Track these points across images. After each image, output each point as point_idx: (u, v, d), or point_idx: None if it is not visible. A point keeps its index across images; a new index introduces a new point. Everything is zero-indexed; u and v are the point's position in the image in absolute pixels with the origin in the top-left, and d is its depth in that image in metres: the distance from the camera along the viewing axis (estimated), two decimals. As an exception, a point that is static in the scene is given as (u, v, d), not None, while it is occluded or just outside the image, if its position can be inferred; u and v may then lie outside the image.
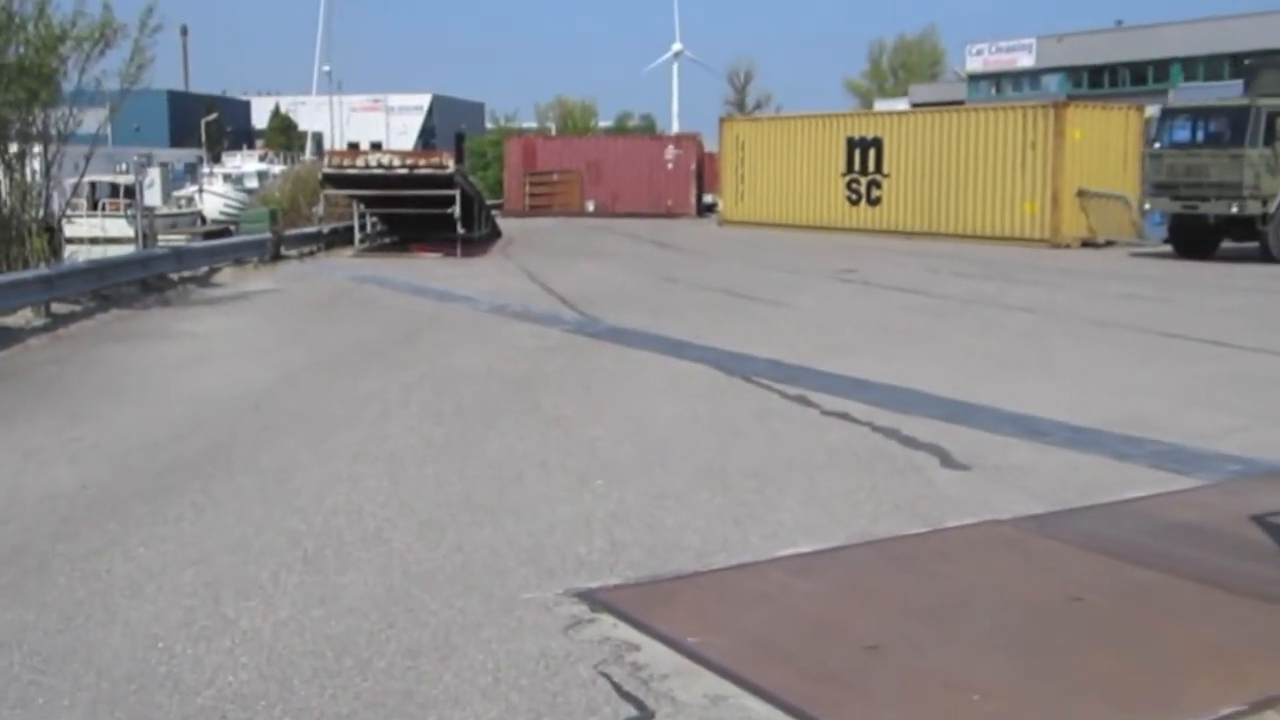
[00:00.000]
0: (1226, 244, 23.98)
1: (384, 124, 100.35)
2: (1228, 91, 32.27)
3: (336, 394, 10.51)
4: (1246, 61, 28.60)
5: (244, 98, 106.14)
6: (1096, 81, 53.73)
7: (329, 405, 10.01)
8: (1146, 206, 24.96)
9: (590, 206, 44.11)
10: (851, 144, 32.89)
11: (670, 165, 43.47)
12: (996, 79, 59.69)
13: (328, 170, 27.29)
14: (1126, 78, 52.87)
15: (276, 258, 25.07)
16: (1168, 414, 9.13)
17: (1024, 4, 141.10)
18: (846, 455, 7.94)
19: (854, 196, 32.86)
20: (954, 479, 7.32)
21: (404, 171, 25.83)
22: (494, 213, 37.27)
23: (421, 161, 26.99)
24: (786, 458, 7.89)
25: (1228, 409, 9.28)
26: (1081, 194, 27.29)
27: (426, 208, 25.82)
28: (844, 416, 9.12)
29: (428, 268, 23.57)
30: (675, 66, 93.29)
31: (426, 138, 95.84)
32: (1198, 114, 23.73)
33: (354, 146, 66.16)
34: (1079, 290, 18.29)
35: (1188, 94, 37.24)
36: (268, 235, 25.81)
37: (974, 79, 60.92)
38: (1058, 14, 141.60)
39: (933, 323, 14.67)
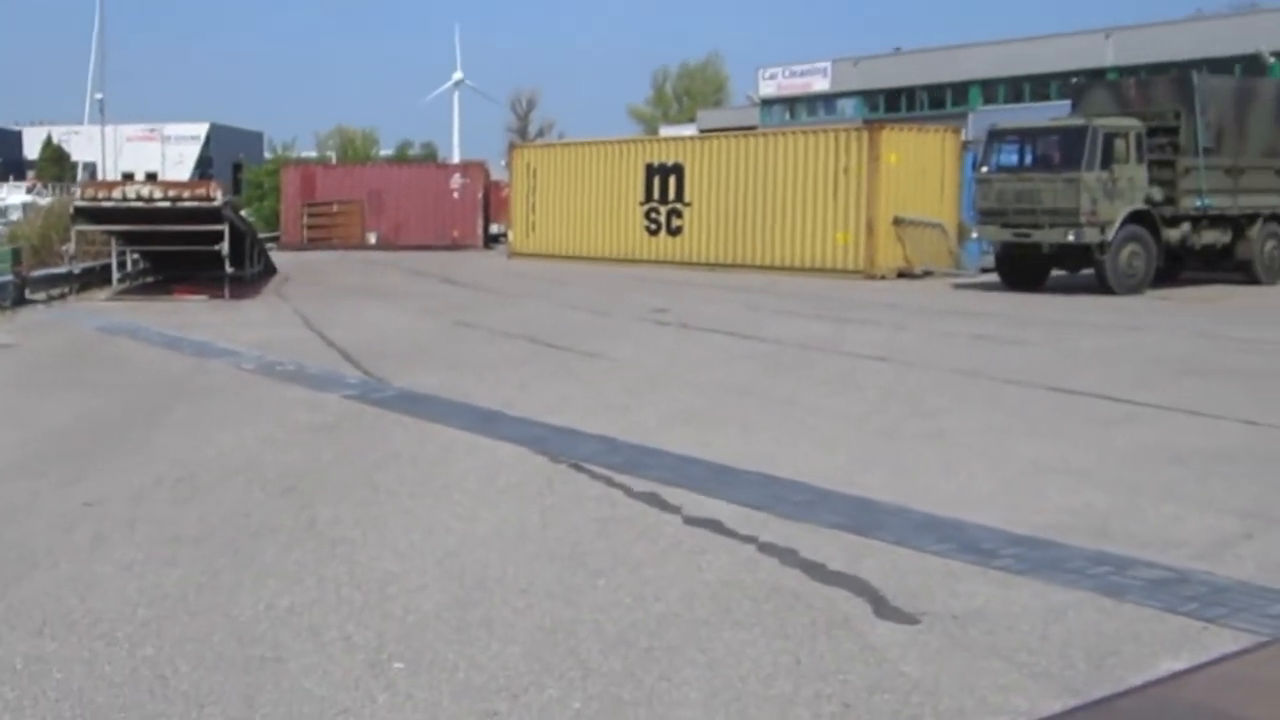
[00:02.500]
0: (1055, 273, 23.10)
1: (160, 154, 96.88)
2: (1031, 114, 31.87)
3: (39, 507, 7.80)
4: (1074, 80, 28.12)
5: (15, 128, 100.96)
6: (893, 105, 53.64)
7: (25, 527, 7.31)
8: (974, 235, 23.84)
9: (372, 238, 41.59)
10: (650, 171, 31.29)
11: (456, 195, 41.59)
12: (790, 103, 59.13)
13: (80, 203, 24.10)
14: (924, 101, 52.89)
15: (19, 303, 21.91)
16: (1127, 511, 7.25)
17: (807, 31, 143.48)
18: (741, 601, 5.76)
19: (653, 226, 31.25)
20: (904, 642, 5.22)
21: (165, 205, 22.94)
22: (270, 246, 34.40)
23: (185, 193, 24.10)
24: (658, 609, 5.67)
25: (1199, 503, 7.44)
26: (897, 222, 26.11)
27: (192, 244, 23.06)
28: (717, 528, 6.97)
29: (191, 313, 20.65)
30: (456, 95, 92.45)
31: (204, 168, 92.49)
32: (1028, 135, 22.59)
33: (128, 176, 62.32)
34: (923, 331, 16.71)
35: (987, 116, 36.94)
36: (9, 278, 22.53)
37: (767, 103, 60.21)
38: (842, 40, 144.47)
39: (778, 378, 12.72)
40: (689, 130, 54.95)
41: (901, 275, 26.09)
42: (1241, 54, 39.81)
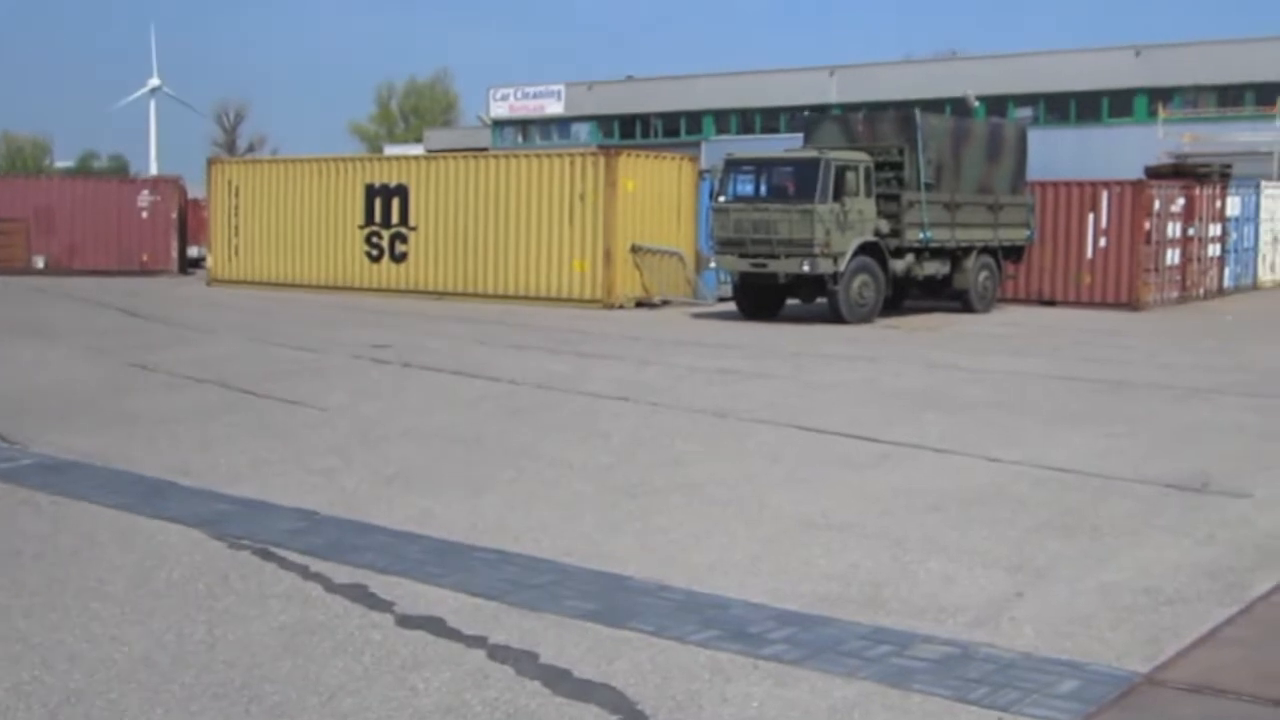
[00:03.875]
0: (790, 302, 22.83)
1: None
2: (764, 145, 31.88)
3: None
4: (805, 113, 28.12)
5: None
6: (628, 131, 53.33)
7: None
8: (712, 264, 23.34)
9: (40, 262, 37.00)
10: (371, 192, 29.24)
11: (145, 213, 37.37)
12: (523, 125, 58.07)
13: None
14: (658, 128, 52.86)
15: None
16: (896, 572, 6.52)
17: (540, 53, 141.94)
18: (467, 737, 4.47)
19: (375, 252, 29.25)
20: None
21: None
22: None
23: None
24: (360, 759, 4.30)
25: (965, 557, 6.83)
26: (635, 250, 25.34)
27: None
28: (438, 628, 5.64)
29: None
30: (153, 103, 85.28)
31: None
32: (763, 166, 22.28)
33: None
34: (667, 365, 15.77)
35: (720, 146, 36.99)
36: None
37: (499, 125, 58.93)
38: (576, 63, 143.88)
39: (513, 424, 11.45)
40: (416, 150, 52.80)
41: (640, 305, 25.34)
42: (950, 96, 41.44)
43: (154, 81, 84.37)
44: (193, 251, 37.51)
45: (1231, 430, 11.19)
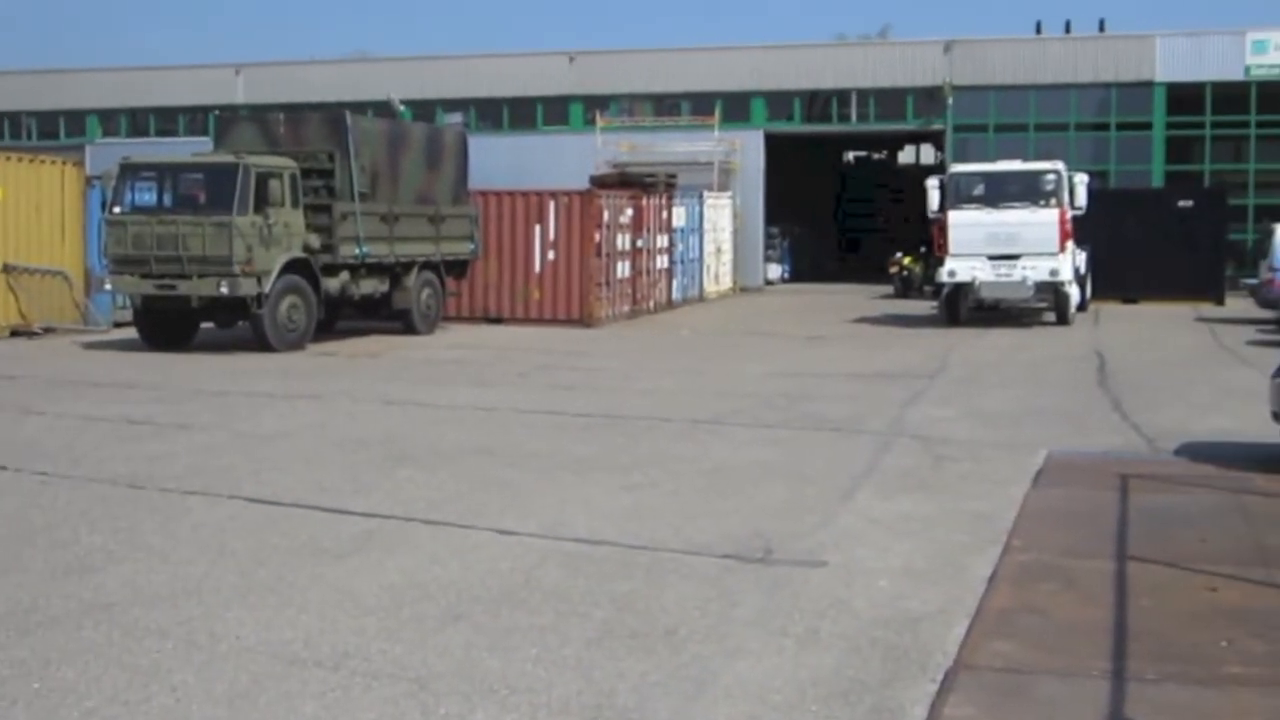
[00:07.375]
0: (205, 326, 20.07)
1: None
2: (166, 149, 28.65)
3: None
4: (216, 113, 25.06)
5: None
6: (-8, 133, 46.53)
7: None
8: (108, 286, 19.93)
9: None
10: None
11: None
12: None
13: None
14: (33, 129, 46.38)
15: None
16: None
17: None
18: None
19: None
20: None
21: None
22: None
23: None
24: None
25: (525, 699, 4.94)
26: (9, 270, 21.35)
27: None
28: None
29: None
30: None
31: None
32: (169, 172, 19.24)
33: None
34: (55, 415, 12.64)
35: (110, 150, 32.87)
36: None
37: None
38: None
39: None
40: None
41: (16, 334, 21.39)
42: (371, 99, 39.84)
43: None
44: None
45: (757, 471, 9.79)
